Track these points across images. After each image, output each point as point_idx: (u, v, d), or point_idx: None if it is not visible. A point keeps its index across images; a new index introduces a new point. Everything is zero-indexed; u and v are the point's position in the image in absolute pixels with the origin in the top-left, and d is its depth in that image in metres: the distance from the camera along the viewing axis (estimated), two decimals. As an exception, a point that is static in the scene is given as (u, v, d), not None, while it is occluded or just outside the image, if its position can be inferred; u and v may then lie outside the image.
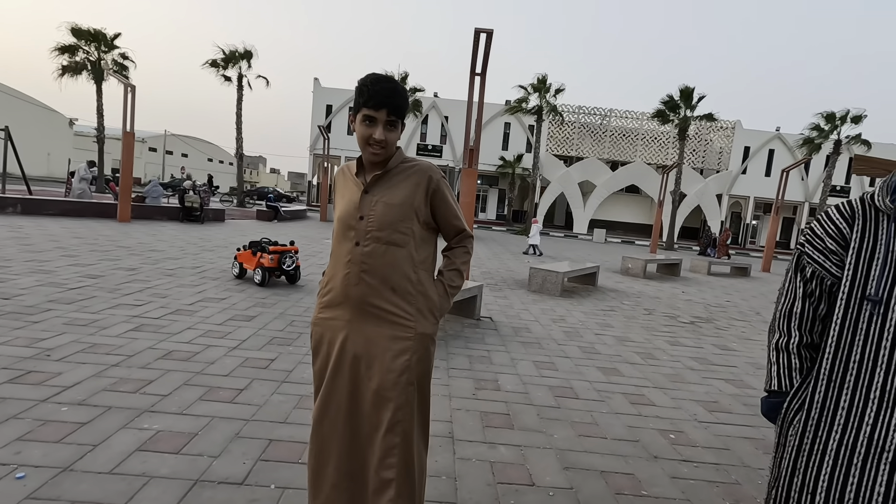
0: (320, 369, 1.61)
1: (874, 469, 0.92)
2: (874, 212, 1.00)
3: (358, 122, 1.46)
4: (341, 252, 1.54)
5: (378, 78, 1.44)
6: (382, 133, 1.44)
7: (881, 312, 0.93)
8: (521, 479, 2.31)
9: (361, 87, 1.44)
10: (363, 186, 1.52)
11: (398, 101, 1.44)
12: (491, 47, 6.69)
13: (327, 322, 1.57)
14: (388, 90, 1.42)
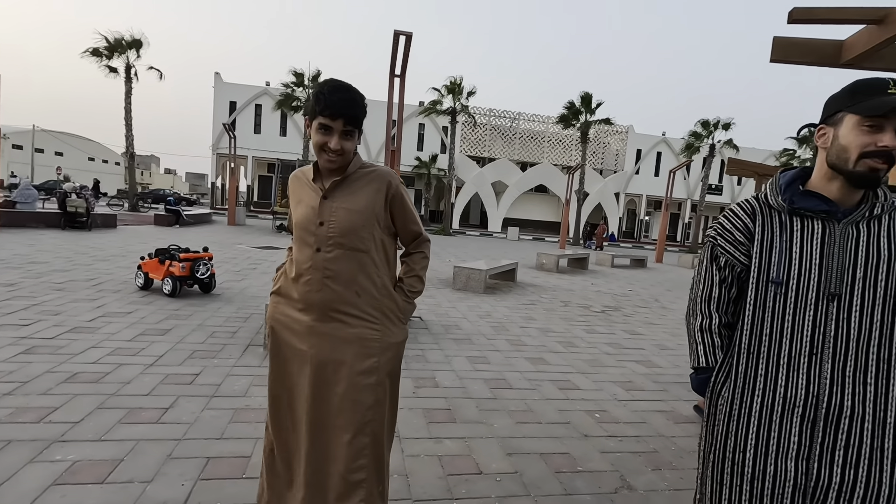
0: (279, 375, 1.58)
1: (789, 422, 1.12)
2: (769, 209, 1.21)
3: (314, 129, 1.46)
4: (301, 258, 1.52)
5: (336, 86, 1.43)
6: (339, 143, 1.44)
7: (783, 292, 1.14)
8: (469, 469, 2.41)
9: (318, 95, 1.42)
10: (322, 192, 1.52)
11: (355, 111, 1.45)
12: (410, 49, 6.76)
13: (288, 327, 1.55)
14: (346, 101, 1.43)
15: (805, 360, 1.10)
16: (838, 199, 1.10)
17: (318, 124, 1.43)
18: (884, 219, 1.09)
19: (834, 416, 1.07)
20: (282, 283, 1.60)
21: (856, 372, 1.06)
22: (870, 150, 1.04)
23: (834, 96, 1.14)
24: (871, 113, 1.04)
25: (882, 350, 1.04)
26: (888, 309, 1.04)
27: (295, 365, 1.56)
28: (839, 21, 3.06)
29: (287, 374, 1.57)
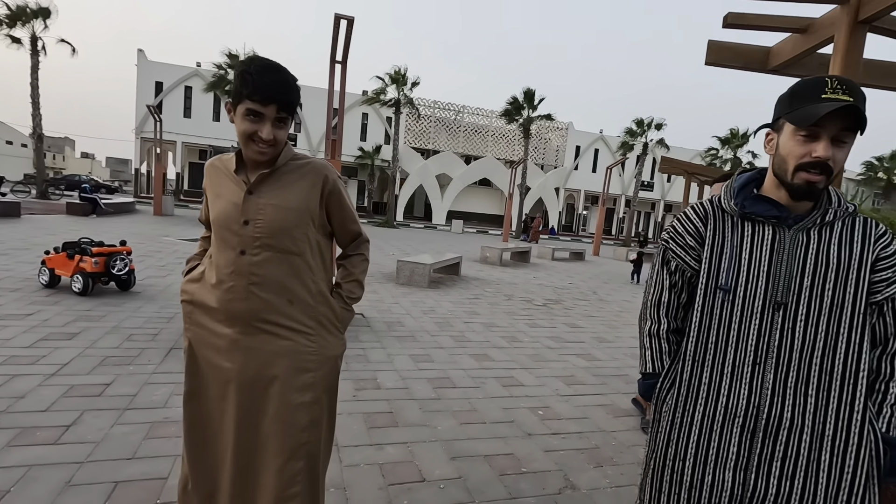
0: (197, 399, 1.38)
1: (729, 432, 1.09)
2: (721, 213, 1.17)
3: (239, 114, 1.26)
4: (221, 261, 1.33)
5: (266, 66, 1.25)
6: (271, 131, 1.26)
7: (730, 300, 1.11)
8: (411, 477, 2.30)
9: (244, 76, 1.23)
10: (246, 186, 1.33)
11: (290, 95, 1.27)
12: (352, 35, 6.48)
13: (207, 342, 1.36)
14: (279, 83, 1.25)
15: (748, 369, 1.08)
16: (790, 204, 1.08)
17: (245, 110, 1.24)
18: (836, 225, 1.07)
19: (773, 427, 1.05)
20: (197, 289, 1.39)
21: (797, 383, 1.04)
22: (805, 161, 1.00)
23: (779, 98, 1.09)
24: (802, 124, 0.99)
25: (825, 361, 1.03)
26: (833, 319, 1.03)
27: (216, 386, 1.37)
28: (768, 28, 3.19)
29: (206, 397, 1.38)
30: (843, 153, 1.01)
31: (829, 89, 0.98)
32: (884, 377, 1.03)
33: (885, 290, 1.02)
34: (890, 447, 1.01)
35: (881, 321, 1.04)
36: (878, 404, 1.03)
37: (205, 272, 1.39)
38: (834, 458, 1.02)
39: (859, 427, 1.01)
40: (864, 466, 1.00)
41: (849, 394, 1.02)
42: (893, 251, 1.04)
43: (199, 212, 1.58)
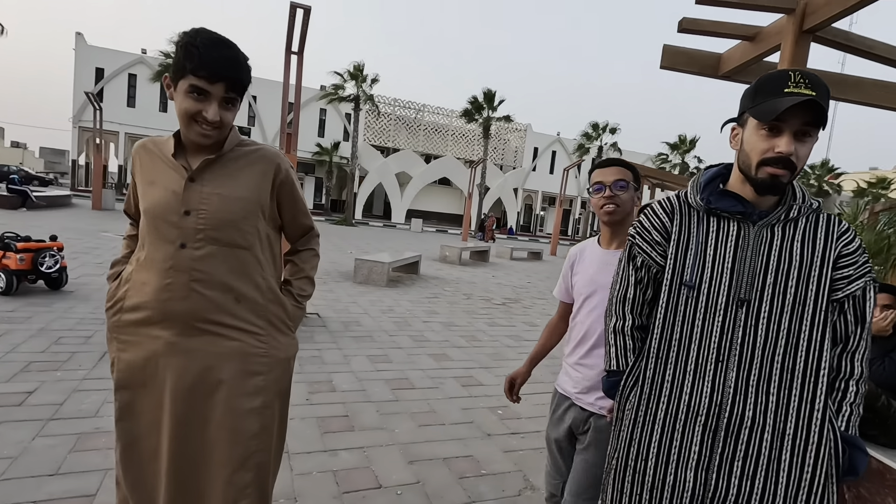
0: (130, 414, 1.23)
1: (691, 431, 1.07)
2: (688, 208, 1.15)
3: (181, 91, 1.13)
4: (156, 256, 1.19)
5: (215, 40, 1.12)
6: (217, 112, 1.14)
7: (694, 296, 1.09)
8: (367, 484, 2.21)
9: (189, 48, 1.10)
10: (188, 173, 1.20)
11: (240, 73, 1.16)
12: (308, 24, 6.26)
13: (139, 347, 1.21)
14: (229, 60, 1.13)
15: (711, 367, 1.06)
16: (755, 200, 1.06)
17: (189, 86, 1.11)
18: (800, 222, 1.07)
19: (735, 426, 1.03)
20: (126, 292, 1.24)
21: (759, 381, 1.03)
22: (768, 156, 0.99)
23: (744, 93, 1.08)
24: (764, 119, 0.97)
25: (787, 359, 1.02)
26: (795, 317, 1.02)
27: (150, 397, 1.23)
28: (719, 34, 3.29)
29: (140, 411, 1.24)
30: (806, 148, 1.00)
31: (792, 83, 0.97)
32: (844, 375, 1.04)
33: (846, 288, 1.03)
34: (848, 445, 1.01)
35: (842, 318, 1.04)
36: (838, 402, 1.03)
37: (133, 272, 1.24)
38: (794, 457, 1.01)
39: (819, 426, 1.01)
40: (824, 466, 1.00)
41: (809, 392, 1.01)
42: (854, 248, 1.05)
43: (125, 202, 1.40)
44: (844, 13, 2.59)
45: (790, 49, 2.87)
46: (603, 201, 1.46)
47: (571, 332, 1.57)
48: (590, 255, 1.56)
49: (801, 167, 1.01)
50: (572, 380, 1.53)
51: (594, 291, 1.48)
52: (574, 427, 1.51)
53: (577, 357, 1.52)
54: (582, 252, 1.61)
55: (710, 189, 1.12)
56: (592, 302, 1.48)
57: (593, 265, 1.52)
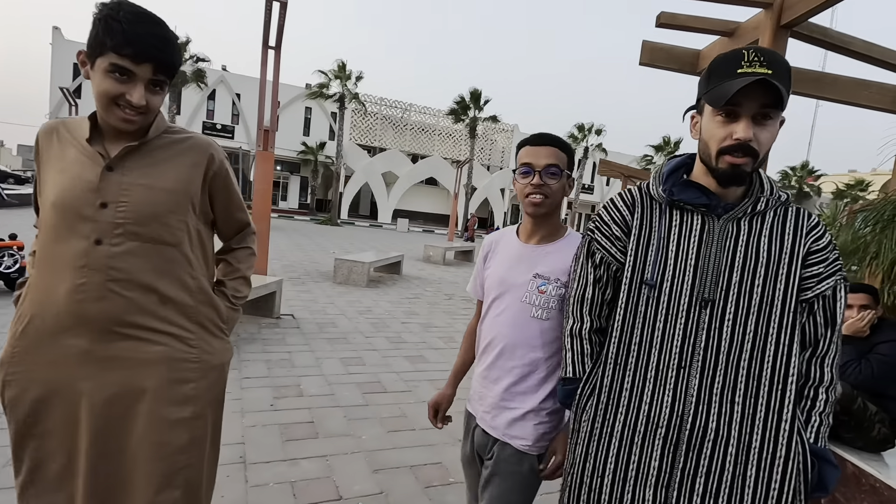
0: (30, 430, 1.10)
1: (650, 445, 0.98)
2: (650, 200, 1.06)
3: (100, 70, 1.01)
4: (65, 254, 1.06)
5: (140, 14, 1.01)
6: (143, 95, 1.03)
7: (655, 296, 0.99)
8: (326, 495, 2.09)
9: (110, 22, 0.98)
10: (105, 160, 1.07)
11: (171, 54, 1.05)
12: (285, 20, 6.11)
13: (44, 358, 1.08)
14: (158, 38, 1.02)
15: (673, 373, 0.97)
16: (719, 191, 0.97)
17: (110, 65, 0.99)
18: (768, 215, 0.98)
19: (697, 439, 0.94)
20: (31, 299, 1.10)
21: (724, 389, 0.94)
22: (727, 144, 0.91)
23: (700, 77, 0.99)
24: (716, 104, 0.89)
25: (753, 365, 0.93)
26: (763, 318, 0.93)
27: (59, 413, 1.09)
28: (698, 30, 3.23)
29: (46, 431, 1.10)
30: (768, 132, 0.91)
31: (746, 62, 0.88)
32: (813, 382, 0.95)
33: (815, 287, 0.94)
34: (817, 459, 0.92)
35: (811, 320, 0.95)
36: (807, 412, 0.95)
37: (35, 277, 1.11)
38: (760, 472, 0.92)
39: (787, 438, 0.92)
40: (791, 481, 0.91)
41: (777, 401, 0.93)
42: (826, 244, 0.96)
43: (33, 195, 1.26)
44: (821, 7, 2.54)
45: (768, 44, 2.81)
46: (530, 189, 1.20)
47: (479, 338, 1.34)
48: (505, 249, 1.32)
49: (763, 153, 0.92)
50: (477, 395, 1.32)
51: (504, 293, 1.26)
52: (479, 449, 1.30)
53: (481, 367, 1.31)
54: (497, 243, 1.36)
55: (672, 180, 1.03)
56: (501, 304, 1.26)
57: (507, 261, 1.29)
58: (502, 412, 1.23)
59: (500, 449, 1.23)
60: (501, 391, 1.23)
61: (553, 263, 1.23)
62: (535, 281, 1.21)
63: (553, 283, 1.21)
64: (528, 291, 1.22)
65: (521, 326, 1.22)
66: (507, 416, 1.22)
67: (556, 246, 1.26)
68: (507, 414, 1.22)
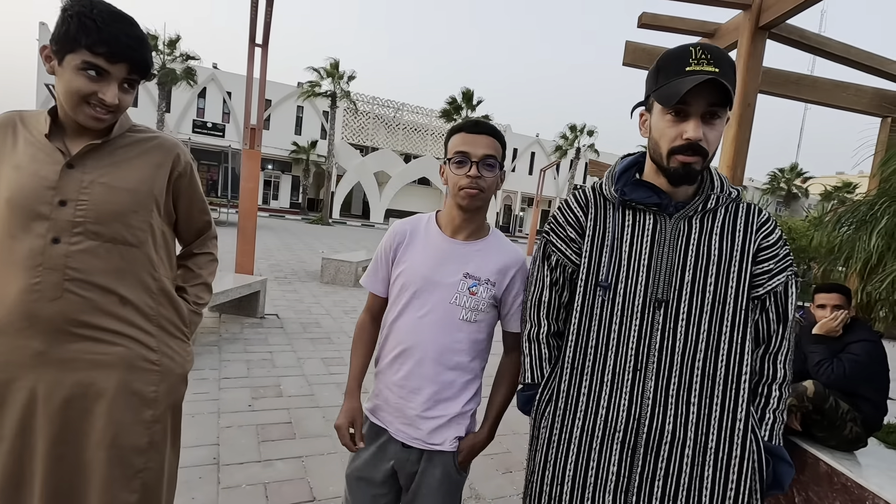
0: None
1: (608, 450, 0.97)
2: (603, 200, 1.05)
3: (70, 67, 0.98)
4: (19, 252, 1.03)
5: (115, 14, 0.99)
6: (116, 95, 1.02)
7: (610, 298, 0.98)
8: (299, 497, 2.07)
9: (83, 20, 0.96)
10: (65, 157, 1.05)
11: (145, 53, 1.04)
12: (272, 17, 6.07)
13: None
14: (133, 38, 1.01)
15: (629, 376, 0.96)
16: (670, 190, 0.97)
17: (83, 62, 0.97)
18: (720, 212, 0.97)
19: (654, 442, 0.94)
20: None
21: (679, 390, 0.93)
22: (677, 144, 0.90)
23: (648, 73, 0.98)
24: (666, 103, 0.88)
25: (707, 365, 0.93)
26: (716, 317, 0.93)
27: (8, 419, 1.06)
28: (679, 30, 3.24)
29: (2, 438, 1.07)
30: (716, 131, 0.91)
31: (694, 60, 0.87)
32: (766, 379, 0.95)
33: (766, 284, 0.94)
34: (772, 457, 0.92)
35: (764, 317, 0.95)
36: (761, 410, 0.94)
37: None
38: (717, 473, 0.92)
39: (742, 437, 0.92)
40: (747, 480, 0.91)
41: (731, 400, 0.92)
42: (776, 240, 0.96)
43: None
44: (798, 9, 2.56)
45: (746, 45, 2.83)
46: (466, 181, 1.09)
47: (388, 340, 1.19)
48: (425, 242, 1.18)
49: (713, 151, 0.92)
50: (390, 406, 1.17)
51: (426, 292, 1.13)
52: (398, 465, 1.16)
53: (396, 376, 1.16)
54: (414, 233, 1.20)
55: (624, 179, 1.02)
56: (423, 305, 1.13)
57: (431, 256, 1.15)
58: (425, 422, 1.14)
59: (427, 459, 1.14)
60: (424, 401, 1.13)
61: (483, 262, 1.15)
62: (466, 281, 1.13)
63: (483, 283, 1.14)
64: (458, 292, 1.12)
65: (448, 329, 1.13)
66: (430, 425, 1.14)
67: (485, 243, 1.18)
68: (430, 423, 1.14)
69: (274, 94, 29.16)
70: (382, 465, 1.17)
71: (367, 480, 1.19)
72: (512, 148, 37.80)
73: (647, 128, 0.98)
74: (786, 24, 2.80)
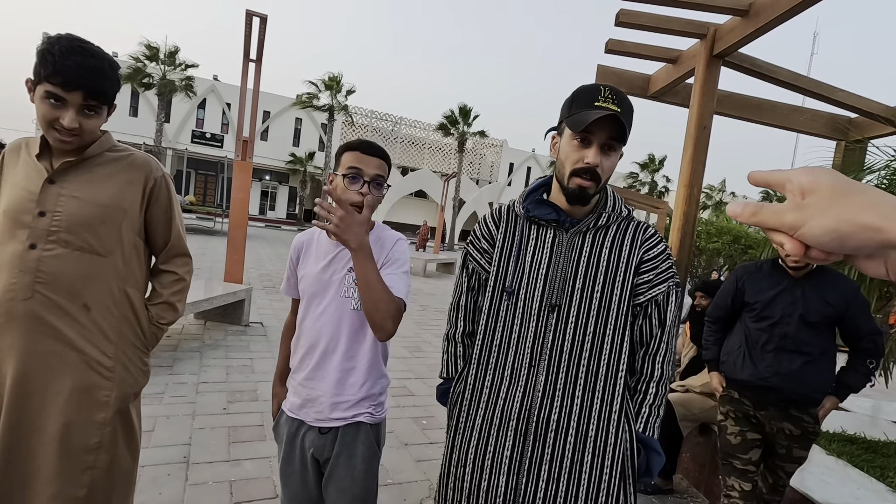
0: None
1: (504, 436, 1.09)
2: (514, 216, 1.19)
3: (38, 97, 1.12)
4: (4, 255, 1.16)
5: (73, 48, 1.11)
6: (75, 119, 1.13)
7: (513, 302, 1.11)
8: (263, 494, 2.17)
9: (45, 55, 1.09)
10: (47, 174, 1.18)
11: (100, 82, 1.14)
12: (266, 33, 6.27)
13: None
14: (87, 69, 1.11)
15: (524, 371, 1.08)
16: (569, 209, 1.10)
17: (45, 92, 1.11)
18: (611, 229, 1.11)
19: (542, 430, 1.06)
20: None
21: (566, 385, 1.06)
22: (578, 166, 1.03)
23: (564, 103, 1.11)
24: (575, 129, 1.01)
25: (591, 363, 1.06)
26: (601, 321, 1.06)
27: None
28: (643, 56, 3.42)
29: None
30: (611, 161, 1.05)
31: (602, 97, 1.02)
32: (645, 377, 1.08)
33: (647, 293, 1.07)
34: (644, 447, 1.04)
35: (647, 322, 1.08)
36: (639, 404, 1.07)
37: None
38: (595, 458, 1.04)
39: (616, 427, 1.04)
40: (619, 466, 1.03)
41: (609, 394, 1.05)
42: (657, 253, 1.09)
43: None
44: (747, 40, 2.73)
45: (702, 72, 3.00)
46: (357, 197, 1.17)
47: (298, 341, 1.28)
48: (317, 248, 1.30)
49: (605, 178, 1.05)
50: (304, 400, 1.24)
51: (320, 291, 1.24)
52: (318, 454, 1.24)
53: (306, 372, 1.24)
54: (309, 243, 1.32)
55: (532, 198, 1.16)
56: (321, 303, 1.23)
57: (320, 259, 1.27)
58: (338, 405, 1.22)
59: (343, 433, 1.22)
60: (332, 386, 1.21)
61: None
62: (350, 275, 1.22)
63: None
64: (345, 286, 1.22)
65: (342, 320, 1.22)
66: (343, 406, 1.22)
67: None
68: (343, 404, 1.22)
69: (273, 106, 29.51)
70: (301, 455, 1.25)
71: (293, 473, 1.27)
72: (508, 163, 38.16)
73: (556, 150, 1.11)
74: (738, 52, 2.98)
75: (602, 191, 1.11)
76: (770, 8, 2.50)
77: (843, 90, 3.19)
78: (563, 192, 1.08)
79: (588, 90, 1.05)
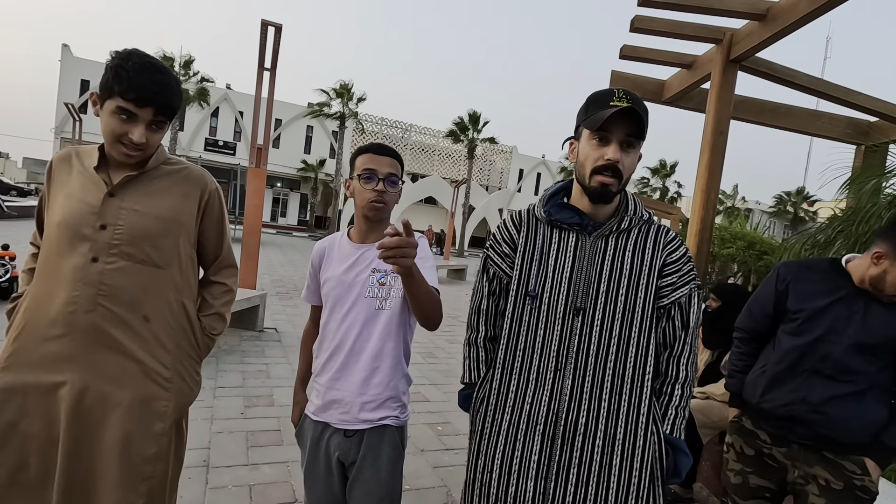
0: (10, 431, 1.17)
1: (531, 441, 1.09)
2: (535, 220, 1.19)
3: (107, 111, 1.14)
4: (65, 268, 1.17)
5: (146, 64, 1.13)
6: (143, 134, 1.15)
7: (537, 306, 1.12)
8: (282, 498, 2.18)
9: (119, 71, 1.11)
10: (108, 187, 1.19)
11: (170, 98, 1.17)
12: (280, 42, 6.37)
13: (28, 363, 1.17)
14: (159, 84, 1.14)
15: (550, 375, 1.09)
16: (591, 212, 1.11)
17: (116, 107, 1.12)
18: (633, 232, 1.11)
19: (570, 433, 1.06)
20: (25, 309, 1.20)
21: (592, 388, 1.06)
22: (599, 164, 1.04)
23: (579, 110, 1.13)
24: (593, 127, 1.03)
25: (618, 365, 1.06)
26: (626, 323, 1.06)
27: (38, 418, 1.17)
28: (658, 62, 3.42)
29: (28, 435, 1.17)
30: (631, 158, 1.06)
31: (616, 98, 1.03)
32: (670, 379, 1.07)
33: (671, 295, 1.07)
34: (672, 448, 1.04)
35: (670, 324, 1.08)
36: (664, 406, 1.07)
37: (33, 287, 1.21)
38: (623, 461, 1.04)
39: (645, 429, 1.04)
40: (648, 468, 1.03)
41: (636, 397, 1.05)
42: (679, 256, 1.09)
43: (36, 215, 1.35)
44: (764, 44, 2.72)
45: (719, 77, 2.99)
46: (373, 195, 1.24)
47: (322, 344, 1.31)
48: (339, 252, 1.33)
49: (627, 176, 1.06)
50: (328, 402, 1.26)
51: (346, 292, 1.27)
52: (343, 458, 1.25)
53: (331, 373, 1.26)
54: (331, 248, 1.36)
55: (553, 202, 1.16)
56: (345, 304, 1.26)
57: (343, 262, 1.30)
58: (364, 405, 1.23)
59: (368, 436, 1.23)
60: (358, 386, 1.23)
61: None
62: (374, 275, 1.25)
63: (391, 274, 1.24)
64: (369, 286, 1.24)
65: (369, 320, 1.24)
66: (369, 407, 1.23)
67: None
68: (368, 405, 1.23)
69: (285, 114, 29.83)
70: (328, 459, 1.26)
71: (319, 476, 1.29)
72: (518, 168, 38.16)
73: (575, 154, 1.13)
74: (755, 57, 2.96)
75: (623, 192, 1.12)
76: (788, 12, 2.49)
77: (862, 93, 3.16)
78: (586, 191, 1.08)
79: (602, 93, 1.06)
